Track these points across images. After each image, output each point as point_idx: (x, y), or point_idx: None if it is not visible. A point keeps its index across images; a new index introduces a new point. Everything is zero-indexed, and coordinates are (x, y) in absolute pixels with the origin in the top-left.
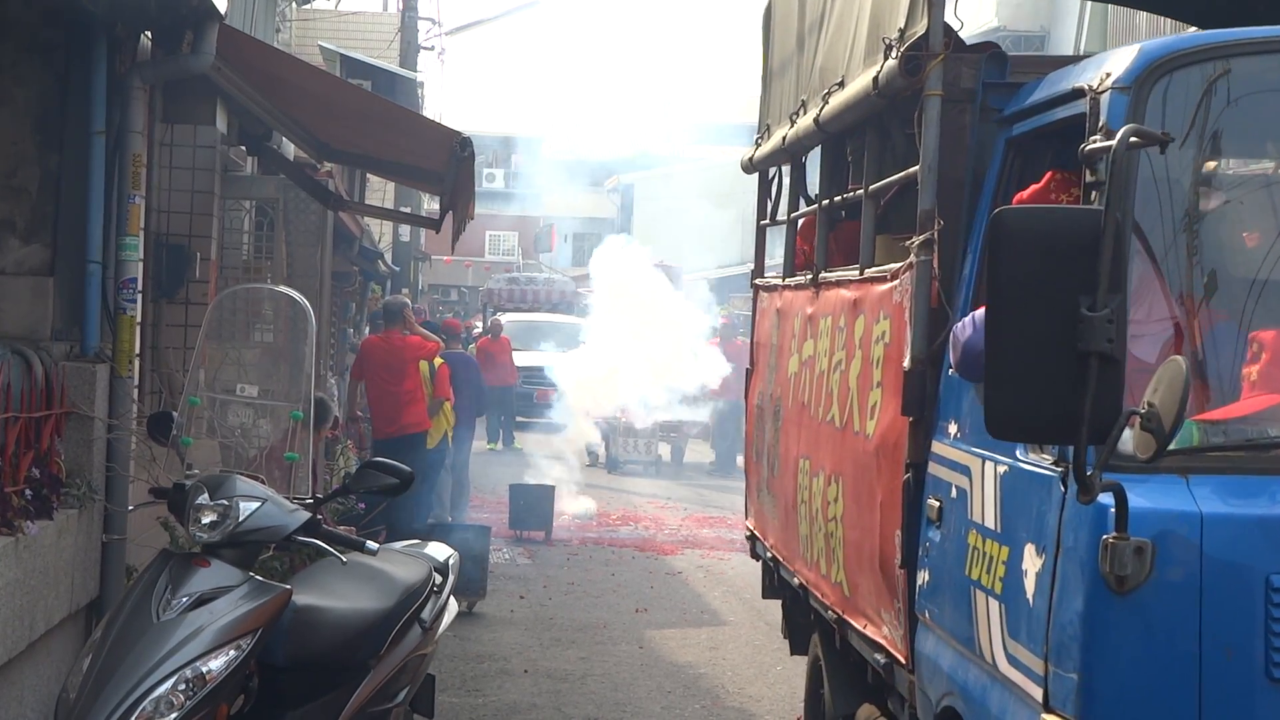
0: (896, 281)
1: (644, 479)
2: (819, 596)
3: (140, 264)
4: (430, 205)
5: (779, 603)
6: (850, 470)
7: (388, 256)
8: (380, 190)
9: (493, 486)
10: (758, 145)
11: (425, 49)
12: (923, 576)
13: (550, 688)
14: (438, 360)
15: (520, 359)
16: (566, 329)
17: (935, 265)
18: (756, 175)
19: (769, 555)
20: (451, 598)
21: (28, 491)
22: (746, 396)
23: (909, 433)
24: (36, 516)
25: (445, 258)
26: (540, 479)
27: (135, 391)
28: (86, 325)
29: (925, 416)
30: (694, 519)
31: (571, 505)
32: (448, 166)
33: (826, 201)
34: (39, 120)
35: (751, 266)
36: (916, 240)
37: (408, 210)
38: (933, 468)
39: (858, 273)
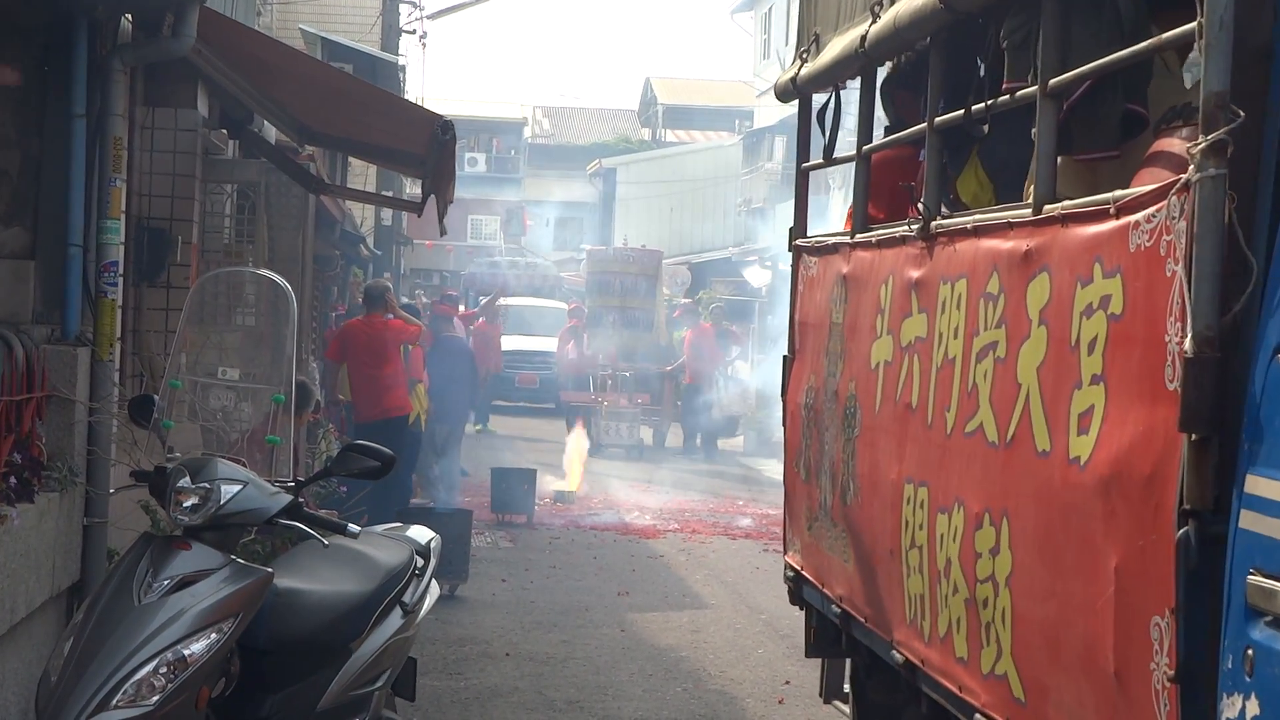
0: (1144, 216)
1: (625, 462)
2: (956, 691)
3: (121, 247)
4: (412, 189)
5: (761, 585)
6: (1033, 512)
7: (370, 240)
8: (362, 174)
9: (474, 470)
10: (802, 62)
11: (407, 32)
12: (1240, 707)
13: (532, 670)
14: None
15: (503, 342)
16: (549, 313)
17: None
18: (796, 104)
19: (836, 609)
20: (433, 581)
21: (12, 478)
22: (785, 391)
23: (1191, 460)
24: (17, 500)
25: (427, 242)
26: (521, 462)
27: (116, 375)
28: (67, 309)
29: (1222, 434)
30: (675, 502)
31: (552, 488)
32: (429, 150)
33: (934, 118)
34: (19, 103)
35: (733, 251)
36: (1201, 144)
37: (390, 194)
38: (1250, 520)
39: (1031, 211)
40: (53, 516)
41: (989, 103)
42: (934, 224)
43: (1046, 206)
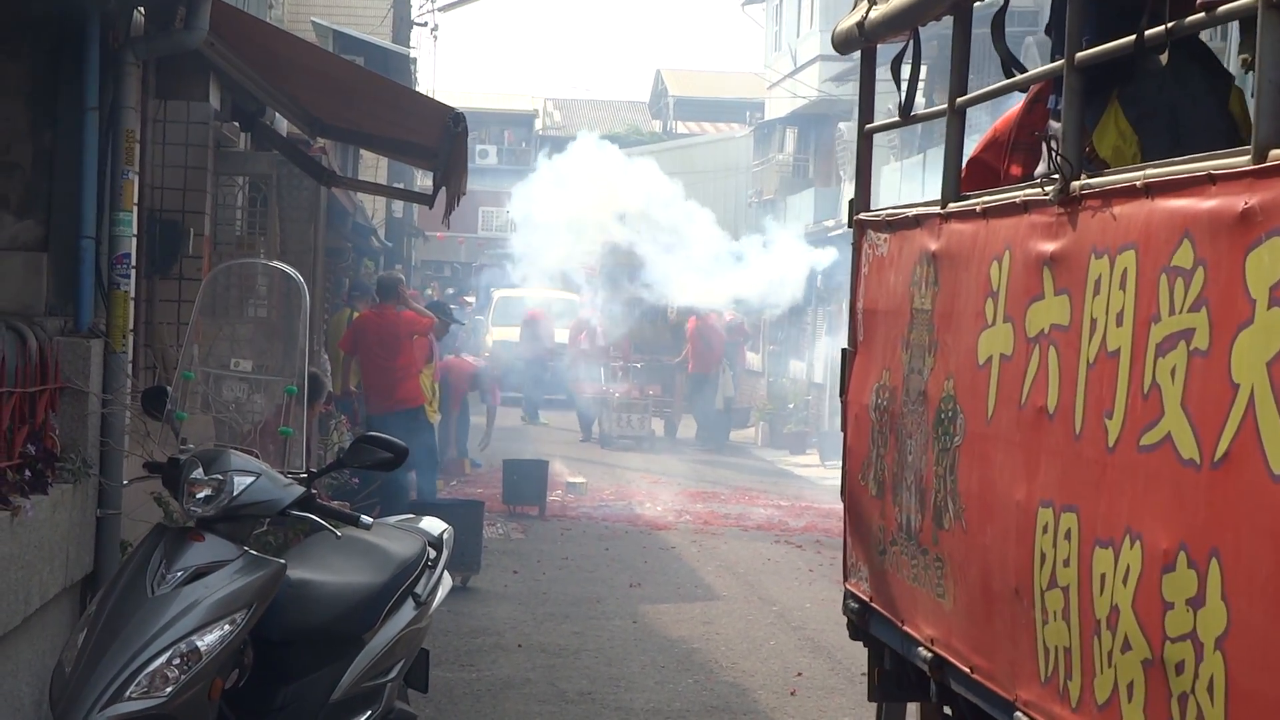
0: None
1: (636, 454)
2: None
3: (134, 240)
4: (424, 181)
5: (773, 577)
6: (1264, 553)
7: (381, 232)
8: (373, 166)
9: (486, 461)
10: (870, 4)
11: (418, 25)
12: None
13: (544, 662)
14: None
15: (513, 334)
16: (560, 304)
17: None
18: (860, 57)
19: (924, 653)
20: (445, 572)
21: (26, 470)
22: (844, 390)
23: None
24: (31, 491)
25: (439, 234)
26: (534, 453)
27: (129, 367)
28: (80, 301)
29: None
30: (687, 493)
31: (565, 480)
32: (440, 142)
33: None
34: (32, 97)
35: (742, 241)
36: None
37: (401, 186)
38: None
39: (1250, 158)
40: (66, 508)
41: (1168, 26)
42: (1077, 184)
43: (1273, 152)
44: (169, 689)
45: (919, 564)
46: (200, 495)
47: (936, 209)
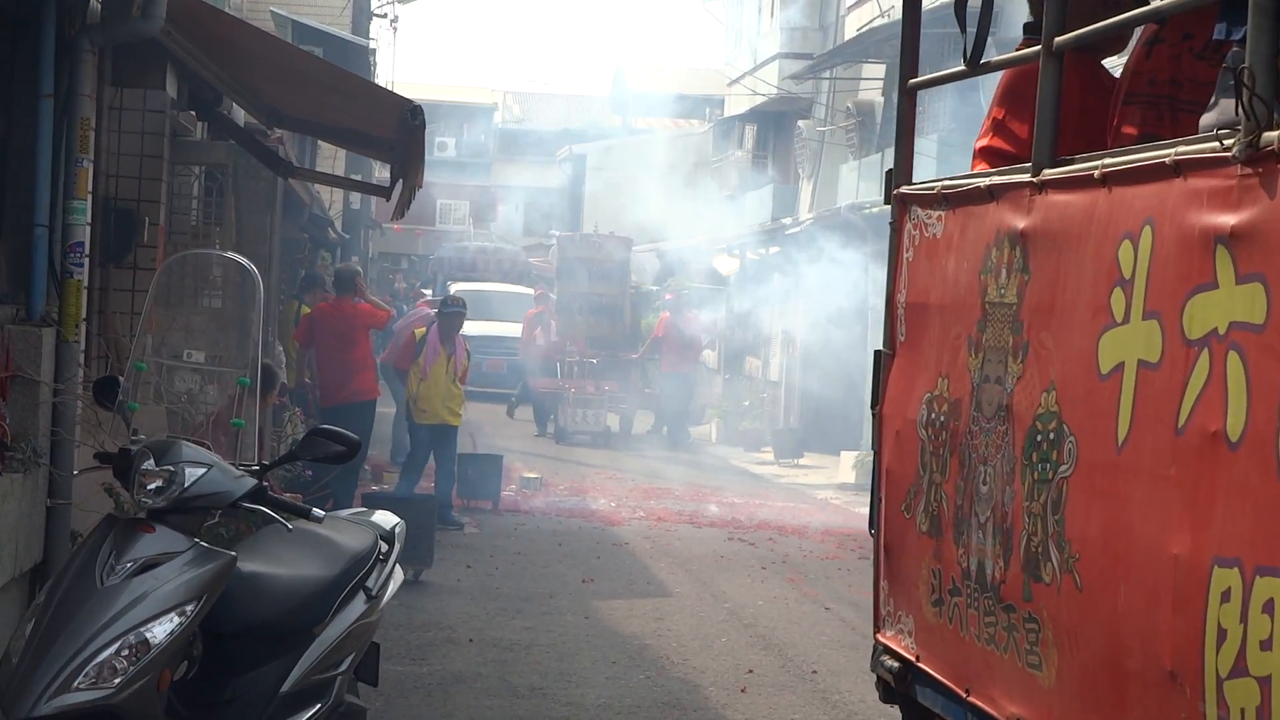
0: None
1: (592, 449)
2: None
3: (88, 228)
4: (381, 173)
5: (725, 574)
6: None
7: (338, 224)
8: (331, 157)
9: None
10: None
11: (378, 16)
12: None
13: (495, 657)
14: (420, 330)
15: (469, 328)
16: (516, 299)
17: None
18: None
19: None
20: (397, 566)
21: None
22: (878, 400)
23: None
24: None
25: (396, 226)
26: (488, 449)
27: (82, 356)
28: (33, 289)
29: None
30: (641, 489)
31: (520, 475)
32: (398, 134)
33: None
34: None
35: (702, 238)
36: None
37: (358, 178)
38: None
39: None
40: (16, 498)
41: None
42: (1274, 135)
43: None
44: (117, 680)
45: (997, 622)
46: (151, 486)
47: (1023, 176)
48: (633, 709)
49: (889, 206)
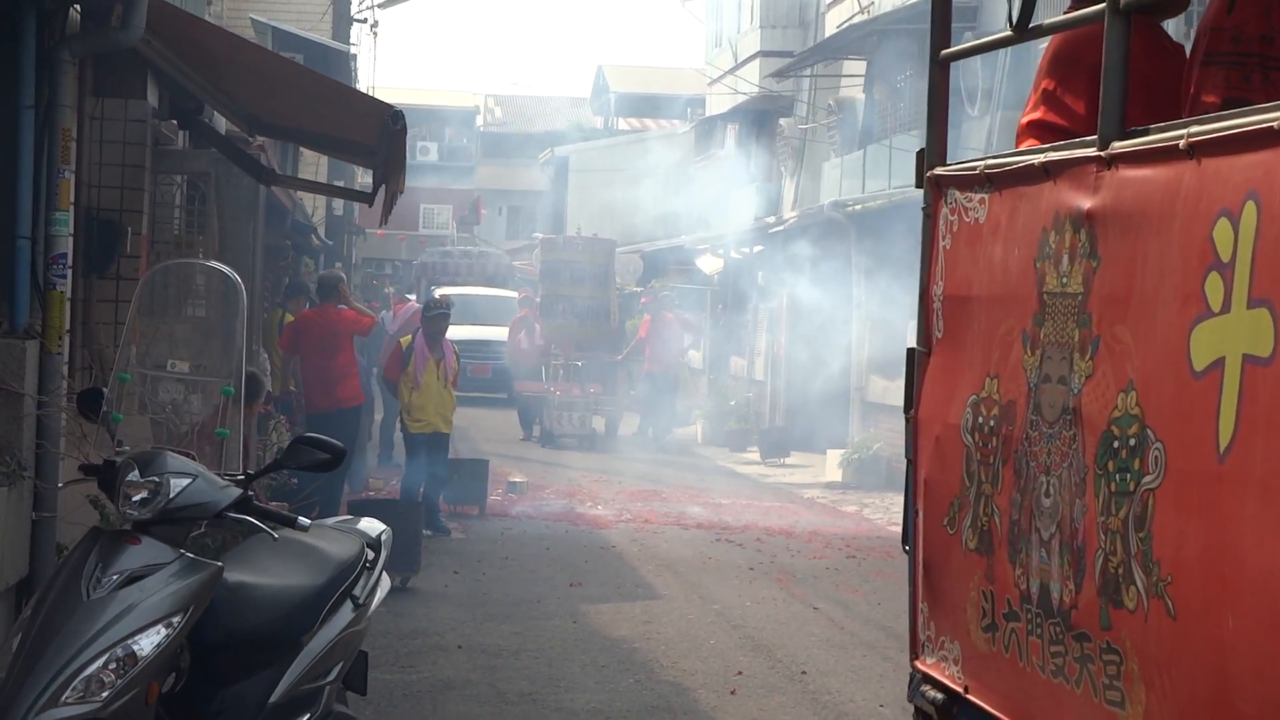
0: None
1: (578, 453)
2: None
3: (70, 239)
4: (364, 179)
5: (713, 576)
6: None
7: (321, 230)
8: (313, 164)
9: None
10: None
11: (358, 21)
12: None
13: (484, 663)
14: (405, 339)
15: (454, 333)
16: (501, 303)
17: None
18: None
19: None
20: (384, 574)
21: None
22: (913, 403)
23: None
24: None
25: (379, 231)
26: (474, 454)
27: (65, 368)
28: (16, 301)
29: None
30: (628, 492)
31: (506, 479)
32: (379, 140)
33: None
34: None
35: (685, 239)
36: None
37: (341, 184)
38: None
39: None
40: (0, 511)
41: None
42: None
43: None
44: (105, 694)
45: (1067, 652)
46: (136, 498)
47: (1088, 151)
48: (623, 713)
49: (920, 190)
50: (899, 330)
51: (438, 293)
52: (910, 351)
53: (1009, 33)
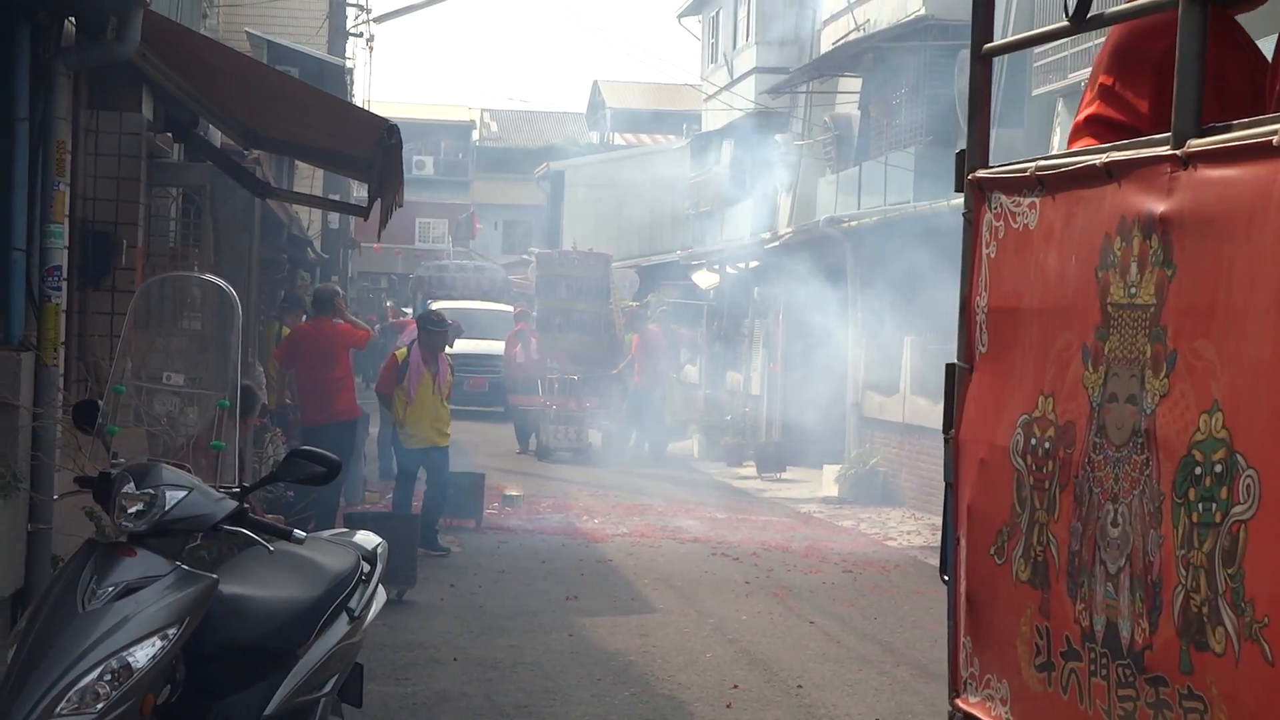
0: None
1: (574, 466)
2: None
3: (65, 251)
4: (359, 192)
5: (709, 589)
6: None
7: (316, 244)
8: (309, 177)
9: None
10: None
11: (353, 35)
12: None
13: (480, 676)
14: (400, 352)
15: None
16: (497, 317)
17: None
18: None
19: None
20: (380, 586)
21: None
22: (954, 423)
23: None
24: None
25: (375, 245)
26: (470, 467)
27: (61, 380)
28: (11, 313)
29: None
30: (624, 506)
31: (502, 493)
32: (375, 154)
33: None
34: None
35: (680, 254)
36: None
37: (336, 198)
38: None
39: None
40: None
41: None
42: None
43: None
44: (100, 705)
45: (1139, 697)
46: (132, 510)
47: (1160, 149)
48: None
49: (961, 196)
50: (895, 345)
51: (435, 306)
52: (949, 367)
53: (1065, 23)
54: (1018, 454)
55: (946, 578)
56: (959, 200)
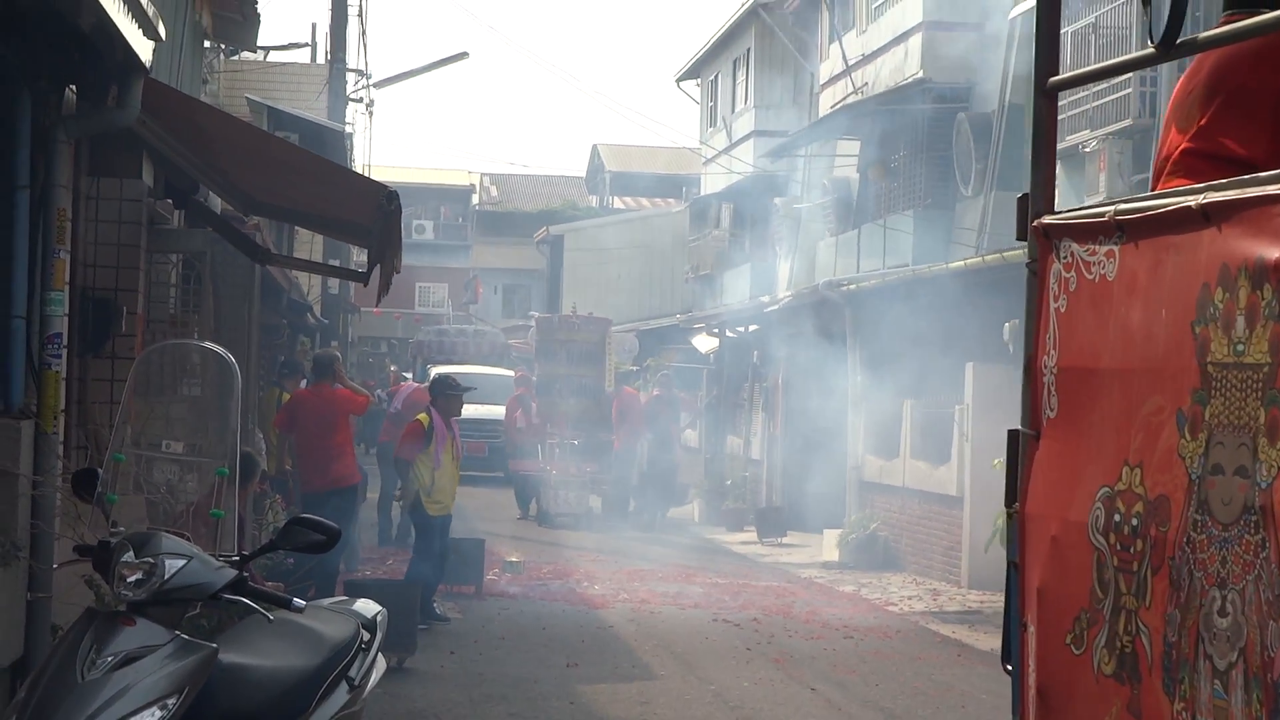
0: None
1: (574, 531)
2: None
3: (65, 319)
4: (359, 257)
5: (710, 656)
6: None
7: (316, 309)
8: (309, 242)
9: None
10: None
11: (353, 100)
12: None
13: None
14: (420, 416)
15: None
16: (497, 381)
17: None
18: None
19: None
20: (380, 654)
21: None
22: (1017, 495)
23: None
24: None
25: (375, 309)
26: (470, 533)
27: (60, 448)
28: (10, 381)
29: None
30: (625, 571)
31: (503, 559)
32: (374, 220)
33: None
34: None
35: (680, 318)
36: None
37: (336, 263)
38: None
39: None
40: None
41: None
42: None
43: None
44: None
45: None
46: (131, 579)
47: (1269, 188)
48: None
49: (1015, 247)
50: (895, 409)
51: (434, 371)
52: (1013, 434)
53: (1150, 50)
54: (1098, 531)
55: (1010, 667)
56: (958, 263)
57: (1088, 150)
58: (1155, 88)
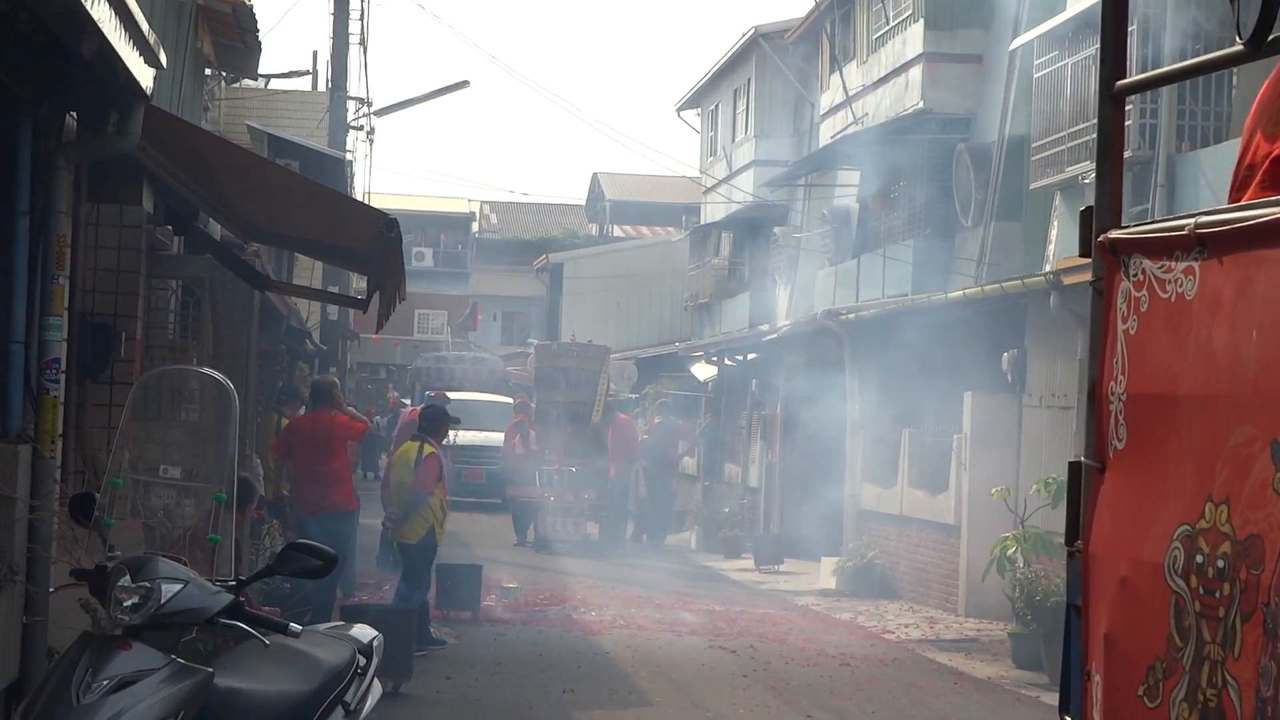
0: None
1: (571, 558)
2: None
3: (64, 344)
4: (359, 284)
5: (707, 682)
6: None
7: (315, 335)
8: (308, 269)
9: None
10: None
11: (354, 128)
12: None
13: None
14: (427, 449)
15: (449, 437)
16: (495, 408)
17: None
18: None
19: None
20: (376, 680)
21: None
22: (1079, 533)
23: None
24: None
25: (374, 336)
26: (468, 559)
27: (58, 472)
28: (9, 406)
29: None
30: (622, 598)
31: (500, 585)
32: (374, 248)
33: None
34: None
35: (679, 346)
36: None
37: (335, 290)
38: None
39: None
40: None
41: None
42: None
43: None
44: None
45: None
46: (128, 603)
47: None
48: None
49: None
50: (893, 438)
51: (433, 391)
52: (1074, 466)
53: (1239, 48)
54: (1176, 573)
55: (1070, 719)
56: (957, 293)
57: (1087, 181)
58: (1155, 120)
